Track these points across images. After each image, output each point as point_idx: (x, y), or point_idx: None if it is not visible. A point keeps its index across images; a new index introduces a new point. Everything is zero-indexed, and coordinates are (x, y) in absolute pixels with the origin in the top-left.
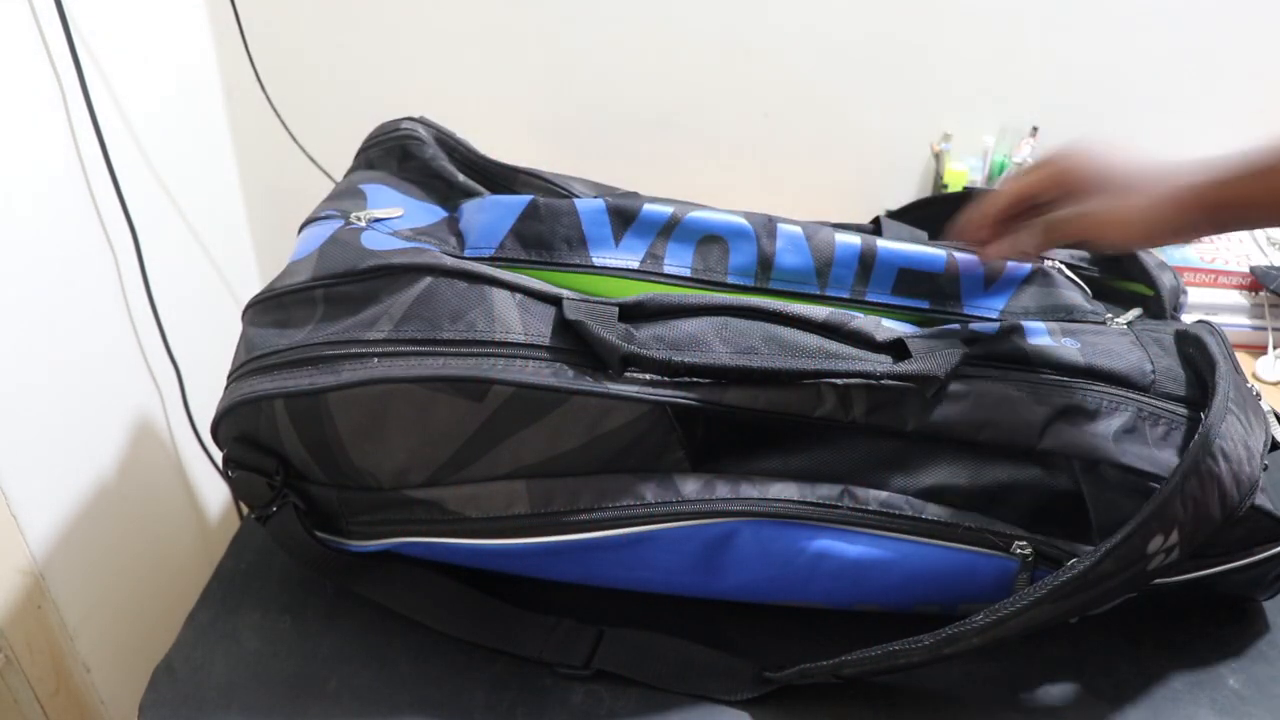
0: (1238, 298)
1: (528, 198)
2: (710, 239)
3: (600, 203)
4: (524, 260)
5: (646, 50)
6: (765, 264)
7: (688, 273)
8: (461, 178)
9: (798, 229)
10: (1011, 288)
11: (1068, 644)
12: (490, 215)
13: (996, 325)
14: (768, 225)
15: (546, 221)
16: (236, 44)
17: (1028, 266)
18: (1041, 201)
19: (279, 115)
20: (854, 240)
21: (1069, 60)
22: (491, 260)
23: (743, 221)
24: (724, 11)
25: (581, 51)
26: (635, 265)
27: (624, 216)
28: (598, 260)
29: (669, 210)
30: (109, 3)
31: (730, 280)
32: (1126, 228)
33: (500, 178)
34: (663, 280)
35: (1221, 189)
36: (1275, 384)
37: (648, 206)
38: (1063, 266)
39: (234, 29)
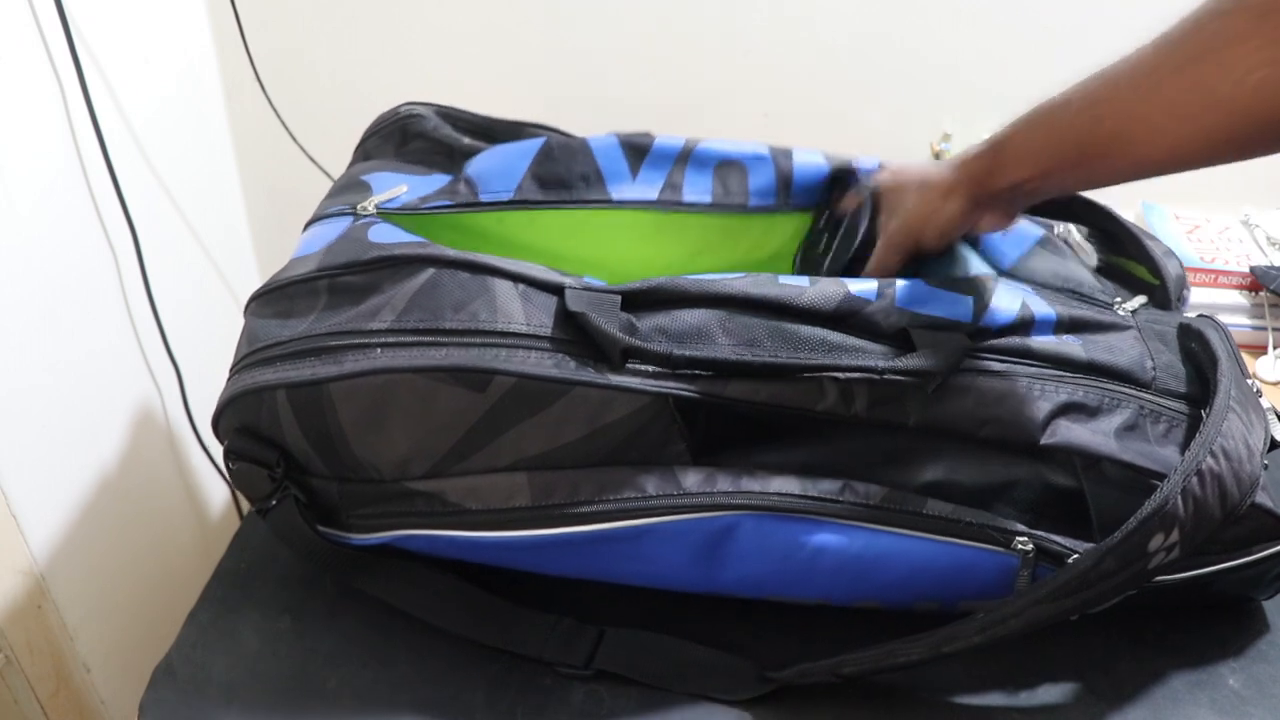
0: (1238, 297)
1: (540, 139)
2: (728, 164)
3: (613, 138)
4: (542, 201)
5: (647, 51)
6: (785, 182)
7: (709, 199)
8: (466, 140)
9: (815, 150)
10: (1026, 245)
11: (1067, 643)
12: (504, 160)
13: (1000, 320)
14: (784, 149)
15: (562, 160)
16: (236, 44)
17: (1040, 231)
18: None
19: (279, 115)
20: (873, 160)
21: (1068, 60)
22: (510, 204)
23: (759, 148)
24: (724, 12)
25: (582, 53)
26: (654, 196)
27: (638, 149)
28: (615, 195)
29: (681, 140)
30: (109, 3)
31: (752, 204)
32: (927, 219)
33: (506, 135)
34: (684, 209)
35: (975, 162)
36: (1276, 384)
37: (660, 140)
38: (1079, 238)
39: (234, 29)
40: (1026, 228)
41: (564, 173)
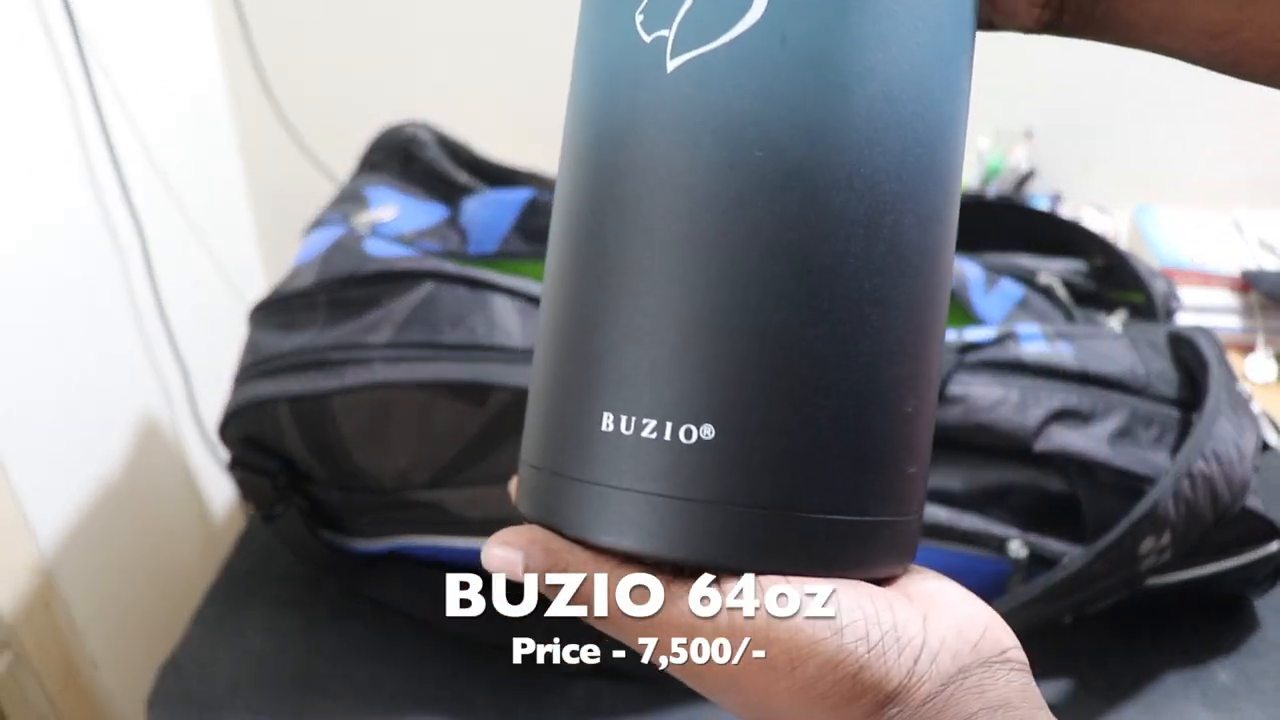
0: (1229, 299)
1: (528, 192)
2: None
3: None
4: (527, 254)
5: None
6: None
7: None
8: (463, 177)
9: None
10: (1009, 305)
11: (1062, 641)
12: (492, 212)
13: (993, 332)
14: None
15: (546, 214)
16: (243, 50)
17: (1022, 290)
18: None
19: (285, 120)
20: None
21: (1063, 63)
22: (496, 256)
23: None
24: None
25: None
26: None
27: None
28: None
29: None
30: (117, 11)
31: None
32: None
33: (502, 179)
34: None
35: None
36: (1264, 385)
37: None
38: (1055, 284)
39: (240, 36)
40: (1009, 288)
41: (547, 226)
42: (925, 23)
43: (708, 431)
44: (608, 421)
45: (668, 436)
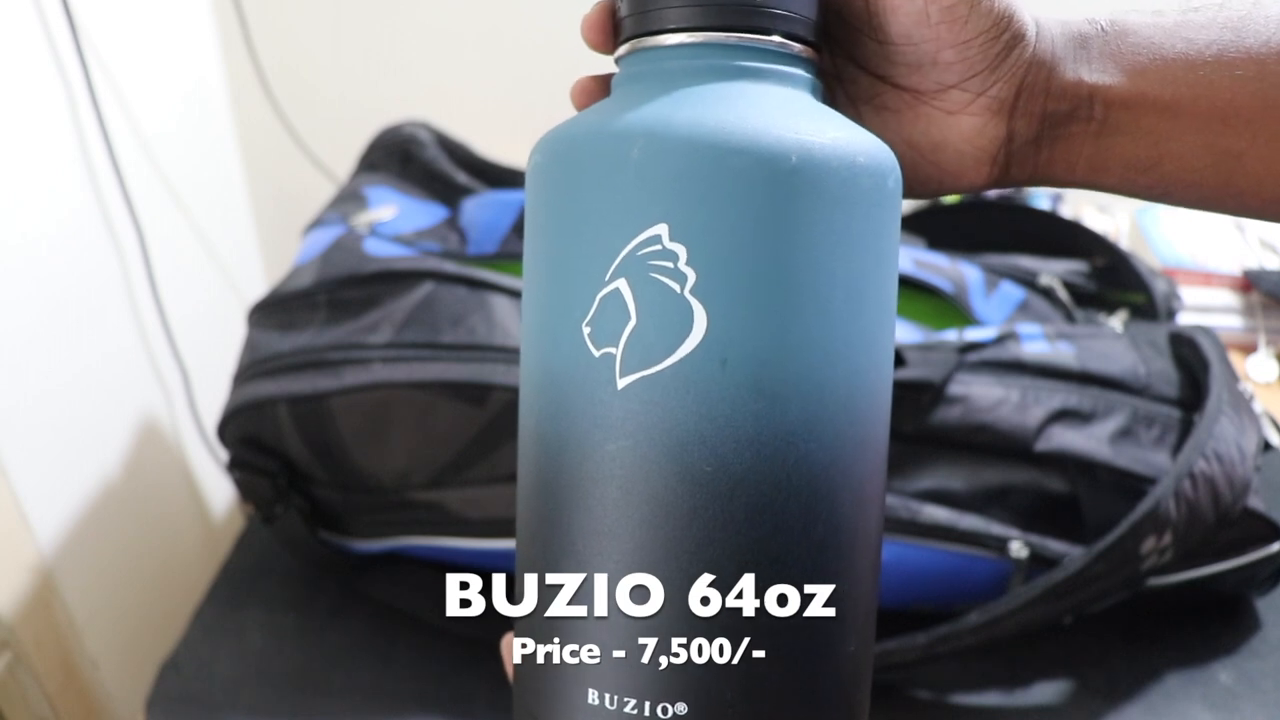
0: (1229, 298)
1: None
2: None
3: None
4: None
5: None
6: None
7: None
8: (463, 177)
9: None
10: (1009, 308)
11: (1063, 641)
12: (492, 213)
13: (994, 332)
14: None
15: None
16: (243, 50)
17: (1023, 293)
18: None
19: (285, 120)
20: None
21: None
22: (496, 256)
23: None
24: None
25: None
26: None
27: None
28: None
29: None
30: (117, 11)
31: None
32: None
33: (500, 179)
34: None
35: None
36: (1266, 385)
37: None
38: (1056, 285)
39: (240, 35)
40: (1009, 291)
41: None
42: (855, 319)
43: (681, 709)
44: (594, 697)
45: (646, 714)
